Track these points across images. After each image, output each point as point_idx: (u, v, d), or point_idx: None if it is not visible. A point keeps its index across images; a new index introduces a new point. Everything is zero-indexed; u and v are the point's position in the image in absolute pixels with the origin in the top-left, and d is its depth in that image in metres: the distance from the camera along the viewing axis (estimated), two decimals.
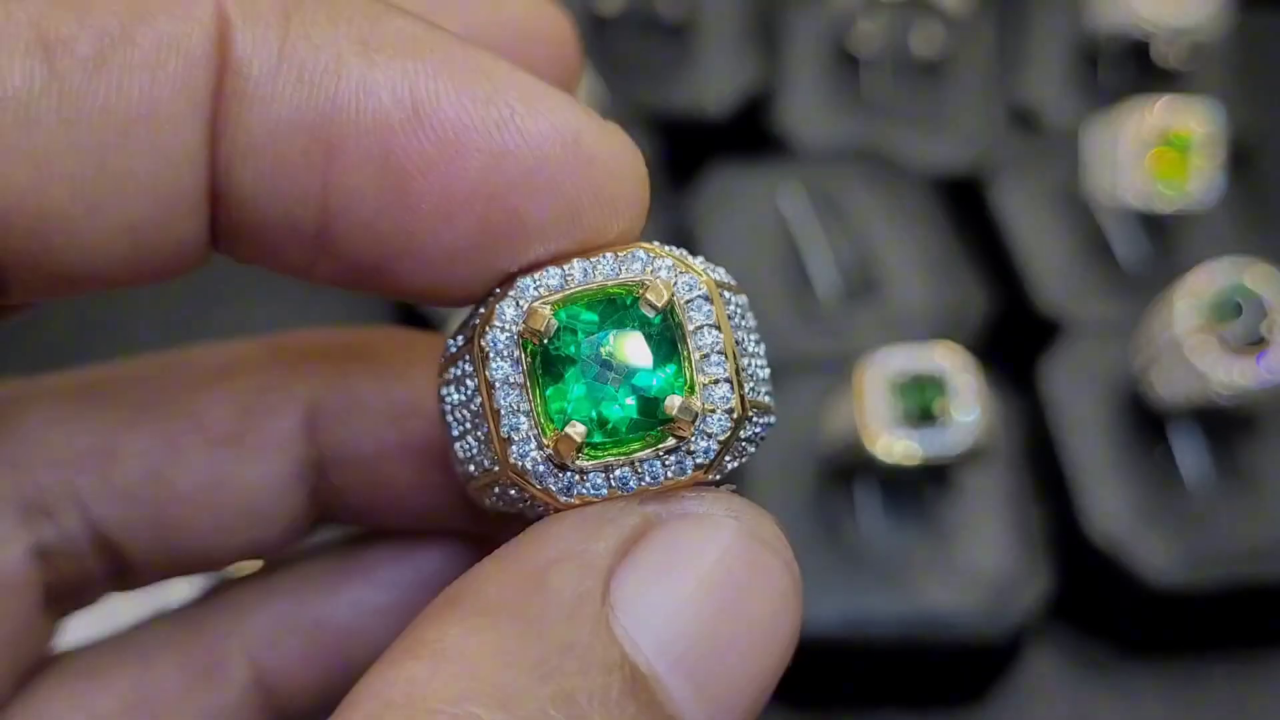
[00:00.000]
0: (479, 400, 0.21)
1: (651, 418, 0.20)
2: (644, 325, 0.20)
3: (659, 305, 0.20)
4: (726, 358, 0.20)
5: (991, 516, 0.45)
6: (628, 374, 0.20)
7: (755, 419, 0.21)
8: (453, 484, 0.25)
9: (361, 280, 0.22)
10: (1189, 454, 0.46)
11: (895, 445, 0.41)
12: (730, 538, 0.20)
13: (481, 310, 0.21)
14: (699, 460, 0.20)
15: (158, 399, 0.26)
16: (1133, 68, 0.56)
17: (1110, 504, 0.45)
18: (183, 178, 0.20)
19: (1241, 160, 0.54)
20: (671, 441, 0.20)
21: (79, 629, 0.27)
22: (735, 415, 0.20)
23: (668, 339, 0.20)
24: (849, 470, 0.44)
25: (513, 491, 0.21)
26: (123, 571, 0.26)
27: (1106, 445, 0.46)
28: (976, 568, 0.43)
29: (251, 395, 0.26)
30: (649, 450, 0.20)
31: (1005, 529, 0.44)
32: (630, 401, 0.20)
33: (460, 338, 0.22)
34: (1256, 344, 0.42)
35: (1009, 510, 0.45)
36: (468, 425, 0.21)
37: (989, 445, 0.42)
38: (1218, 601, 0.45)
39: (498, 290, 0.21)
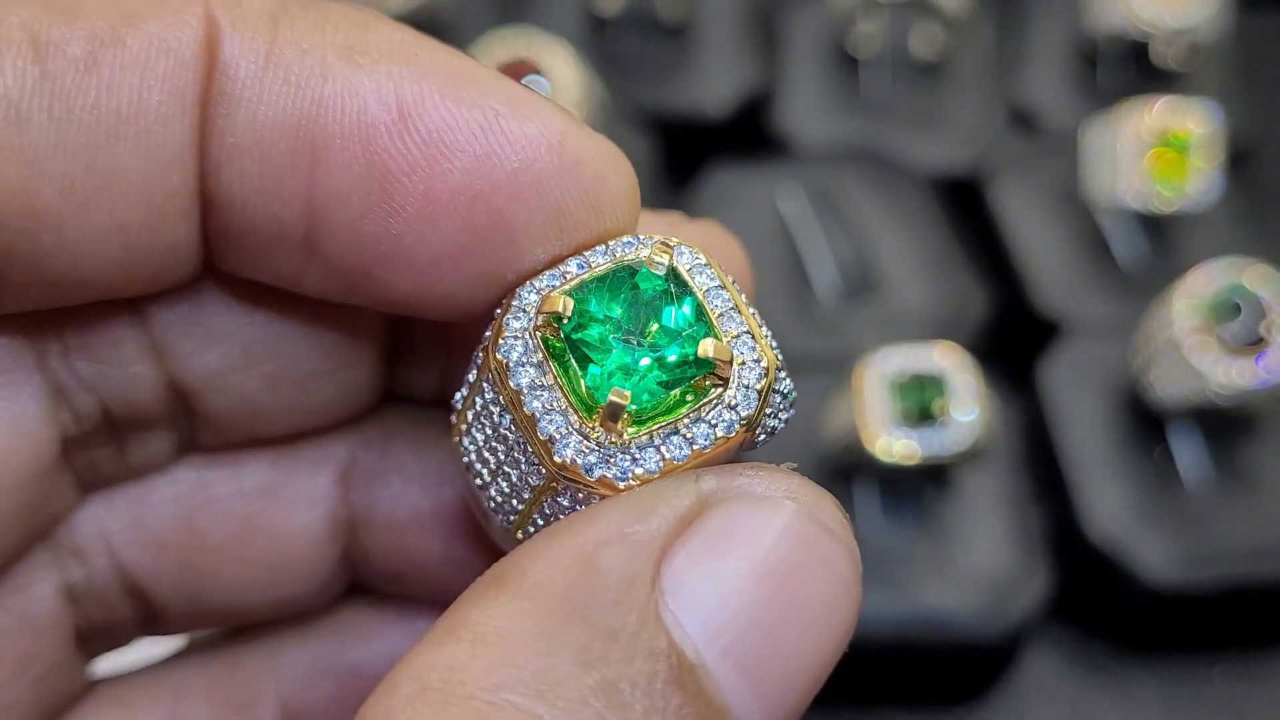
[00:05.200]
0: (508, 420, 0.20)
1: (687, 371, 0.20)
2: (655, 290, 0.20)
3: (665, 263, 0.20)
4: (741, 313, 0.20)
5: (990, 516, 0.45)
6: (654, 336, 0.20)
7: (781, 372, 0.21)
8: (481, 558, 0.24)
9: (351, 289, 0.22)
10: (1187, 454, 0.46)
11: (894, 445, 0.41)
12: (788, 519, 0.19)
13: (487, 334, 0.21)
14: (742, 412, 0.20)
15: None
16: (1132, 68, 0.56)
17: (1109, 504, 0.45)
18: (171, 177, 0.20)
19: (1240, 161, 0.54)
20: (713, 392, 0.20)
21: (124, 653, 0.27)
22: (765, 363, 0.20)
23: (682, 299, 0.20)
24: (848, 470, 0.44)
25: (564, 500, 0.20)
26: (152, 618, 0.26)
27: (1105, 445, 0.46)
28: (975, 567, 0.43)
29: (288, 449, 0.25)
30: (691, 411, 0.20)
31: (1004, 529, 0.44)
32: (663, 359, 0.20)
33: (464, 388, 0.22)
34: (1255, 344, 0.43)
35: (1008, 510, 0.45)
36: (494, 463, 0.21)
37: (988, 445, 0.42)
38: (1216, 601, 0.45)
39: (497, 311, 0.21)
